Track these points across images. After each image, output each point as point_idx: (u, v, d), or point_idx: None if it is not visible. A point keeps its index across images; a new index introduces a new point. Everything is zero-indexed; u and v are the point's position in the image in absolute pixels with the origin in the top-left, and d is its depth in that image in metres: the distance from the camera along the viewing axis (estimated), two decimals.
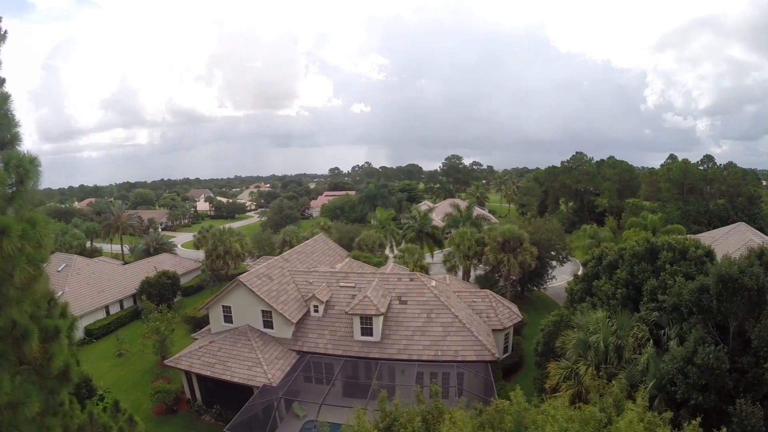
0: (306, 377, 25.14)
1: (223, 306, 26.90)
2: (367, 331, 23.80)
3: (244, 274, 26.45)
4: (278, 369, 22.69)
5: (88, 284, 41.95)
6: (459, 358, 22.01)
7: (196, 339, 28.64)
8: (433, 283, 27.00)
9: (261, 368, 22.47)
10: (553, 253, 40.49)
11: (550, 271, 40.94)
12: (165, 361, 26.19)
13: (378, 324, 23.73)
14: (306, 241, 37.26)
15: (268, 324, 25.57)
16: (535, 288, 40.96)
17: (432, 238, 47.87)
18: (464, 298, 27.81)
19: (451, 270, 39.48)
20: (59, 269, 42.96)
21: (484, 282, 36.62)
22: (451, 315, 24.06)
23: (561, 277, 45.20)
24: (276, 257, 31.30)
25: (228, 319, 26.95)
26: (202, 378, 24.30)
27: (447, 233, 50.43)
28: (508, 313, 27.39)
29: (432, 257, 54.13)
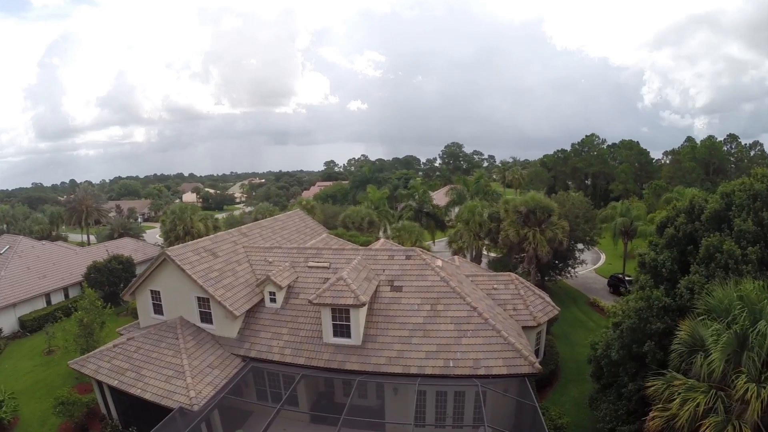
0: (260, 393, 17.82)
1: (151, 291, 19.59)
2: (342, 329, 16.12)
3: (175, 247, 18.97)
4: (208, 384, 15.23)
5: (29, 269, 36.62)
6: (482, 371, 14.45)
7: (121, 335, 21.61)
8: (439, 262, 19.43)
9: (183, 381, 15.08)
10: (578, 234, 33.13)
11: (578, 254, 33.60)
12: (69, 363, 19.19)
13: (358, 319, 16.07)
14: (277, 216, 29.68)
15: (206, 317, 18.13)
16: (559, 276, 33.57)
17: (433, 219, 40.39)
18: (481, 283, 20.24)
19: (458, 253, 32.02)
20: (1, 252, 38.27)
21: (500, 267, 29.12)
22: (466, 306, 16.49)
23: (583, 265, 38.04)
24: (231, 230, 23.70)
25: (158, 308, 19.72)
26: (114, 388, 17.09)
27: (449, 221, 43.48)
28: (541, 304, 19.93)
29: (434, 243, 46.98)
